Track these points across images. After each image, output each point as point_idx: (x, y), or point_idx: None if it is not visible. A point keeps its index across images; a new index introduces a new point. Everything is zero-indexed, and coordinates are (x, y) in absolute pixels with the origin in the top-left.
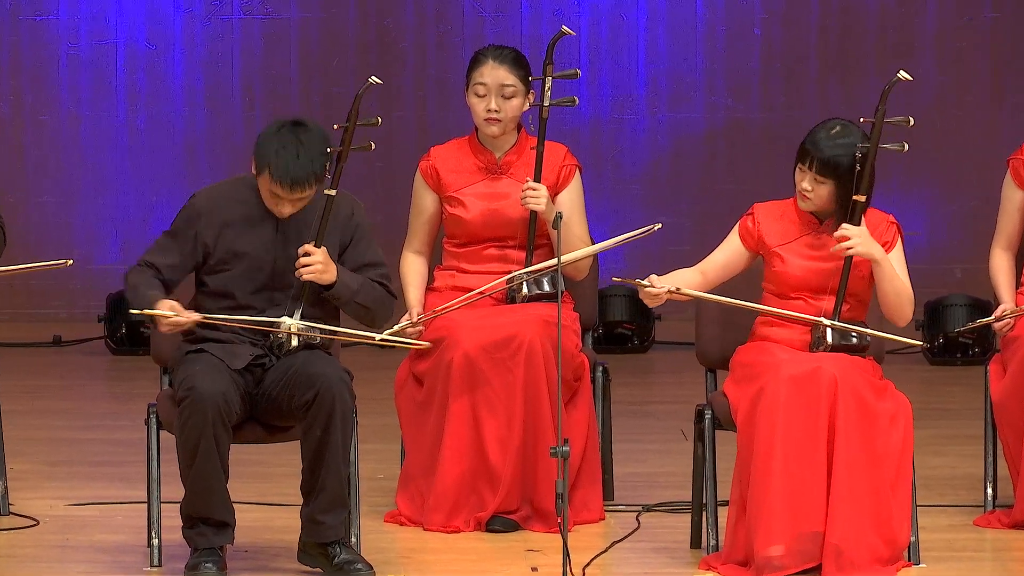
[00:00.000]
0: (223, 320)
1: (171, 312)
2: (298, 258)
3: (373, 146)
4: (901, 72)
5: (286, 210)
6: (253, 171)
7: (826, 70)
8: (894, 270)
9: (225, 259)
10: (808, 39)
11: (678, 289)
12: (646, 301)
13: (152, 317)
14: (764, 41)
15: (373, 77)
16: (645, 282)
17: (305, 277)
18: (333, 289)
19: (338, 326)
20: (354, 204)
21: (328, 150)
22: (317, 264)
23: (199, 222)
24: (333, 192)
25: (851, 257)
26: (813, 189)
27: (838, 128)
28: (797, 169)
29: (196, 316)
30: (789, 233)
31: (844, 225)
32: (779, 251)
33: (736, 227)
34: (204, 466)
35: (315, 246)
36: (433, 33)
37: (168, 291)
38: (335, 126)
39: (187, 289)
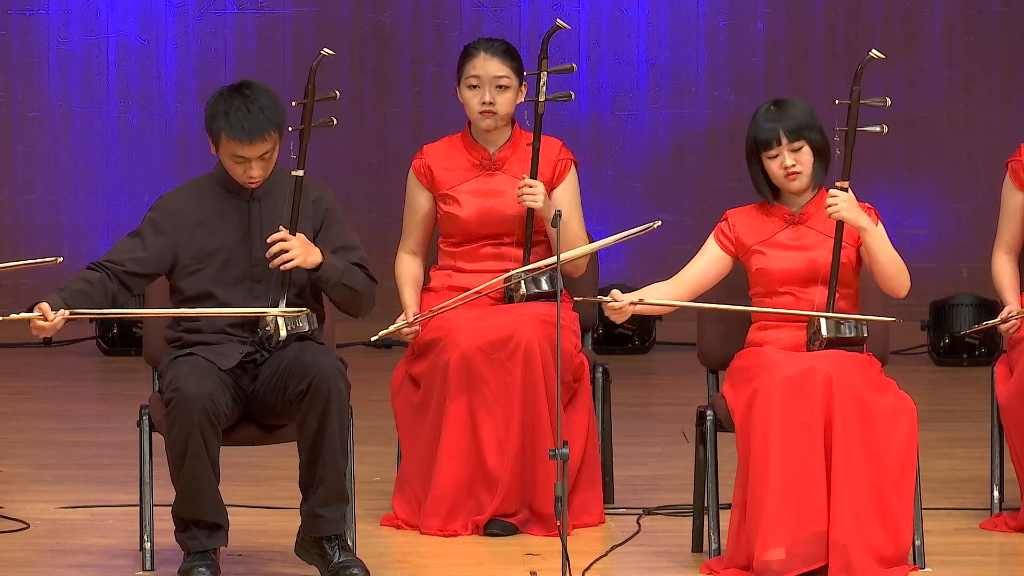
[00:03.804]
0: (200, 314)
1: (38, 314)
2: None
3: (335, 121)
4: (873, 51)
5: (255, 172)
6: (213, 149)
7: (831, 65)
8: (884, 237)
9: (200, 257)
10: (812, 33)
11: (641, 300)
12: (611, 317)
13: (24, 320)
14: (767, 35)
15: (325, 49)
16: (607, 298)
17: (286, 267)
18: (320, 271)
19: (323, 317)
20: (322, 189)
21: (279, 101)
22: (295, 250)
23: (167, 224)
24: (301, 173)
25: (840, 245)
26: (797, 161)
27: (770, 105)
28: (766, 162)
29: (63, 315)
30: (767, 230)
31: (831, 192)
32: (759, 247)
33: (712, 235)
34: (194, 468)
35: (291, 232)
36: (429, 27)
37: (127, 287)
38: (293, 103)
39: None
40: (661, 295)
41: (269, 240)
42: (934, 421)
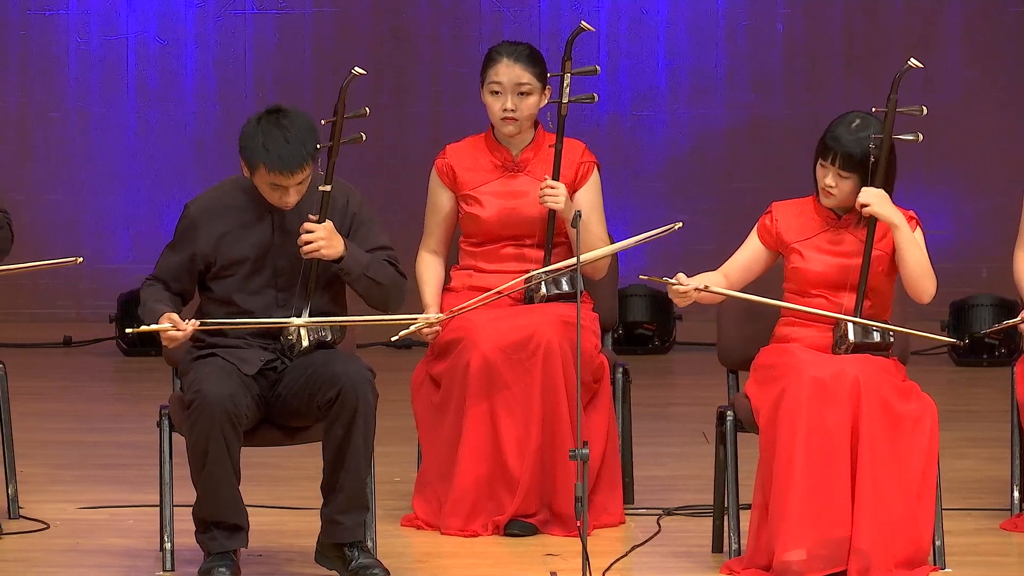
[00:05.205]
0: (230, 324)
1: (169, 325)
2: (299, 256)
3: (364, 137)
4: (912, 60)
5: (291, 199)
6: (245, 172)
7: (850, 65)
8: (914, 238)
9: (227, 266)
10: (831, 34)
11: (707, 287)
12: (675, 300)
13: (153, 333)
14: (786, 36)
15: (356, 68)
16: (673, 280)
17: (310, 256)
18: (342, 263)
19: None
20: (349, 192)
21: (314, 128)
22: (320, 240)
23: (195, 234)
24: (328, 188)
25: (871, 250)
26: (837, 185)
27: (858, 121)
28: (818, 165)
29: (194, 325)
30: (808, 229)
31: (864, 188)
32: (798, 247)
33: (755, 227)
34: (215, 469)
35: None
36: (448, 27)
37: (184, 301)
38: (323, 121)
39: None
40: (711, 283)
41: (301, 229)
42: (954, 421)
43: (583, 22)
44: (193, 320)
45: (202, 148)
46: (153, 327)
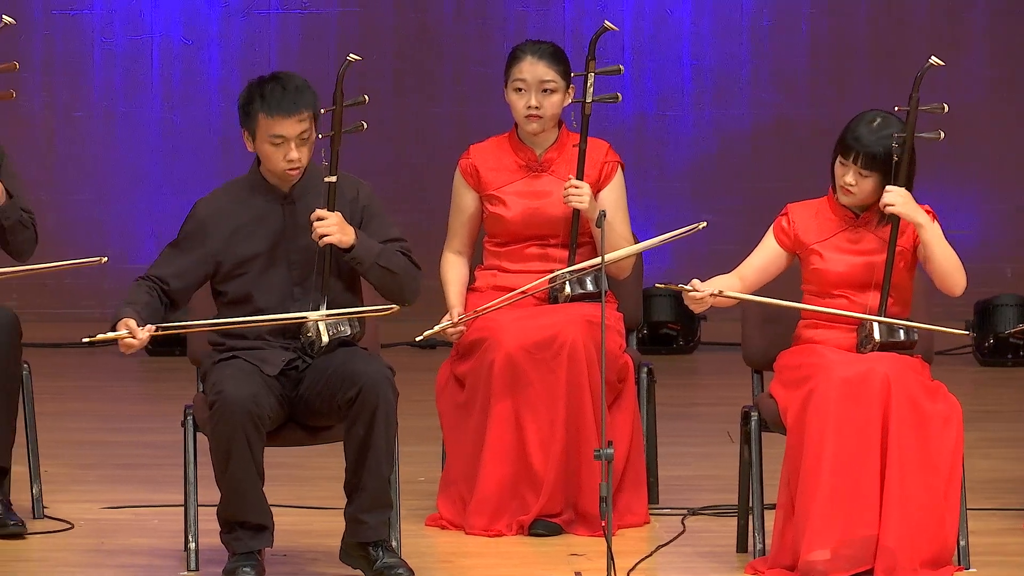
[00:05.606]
0: (195, 327)
1: (125, 332)
2: (312, 248)
3: (365, 126)
4: (933, 58)
5: (294, 154)
6: (249, 146)
7: (875, 65)
8: (939, 234)
9: (239, 263)
10: (856, 33)
11: (721, 292)
12: (690, 306)
13: (109, 340)
14: (811, 36)
15: (351, 55)
16: (688, 287)
17: (324, 240)
18: (353, 252)
19: (363, 318)
20: (358, 185)
21: (312, 88)
22: (332, 226)
23: (205, 233)
24: (334, 179)
25: (895, 248)
26: (857, 183)
27: (879, 120)
28: (838, 163)
29: (149, 331)
30: (826, 230)
31: (888, 188)
32: (817, 248)
33: (771, 229)
34: (238, 470)
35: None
36: (473, 27)
37: (174, 303)
38: (322, 110)
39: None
40: (726, 287)
41: (312, 218)
42: (978, 421)
43: (607, 22)
44: (149, 326)
45: (226, 148)
46: (110, 335)
